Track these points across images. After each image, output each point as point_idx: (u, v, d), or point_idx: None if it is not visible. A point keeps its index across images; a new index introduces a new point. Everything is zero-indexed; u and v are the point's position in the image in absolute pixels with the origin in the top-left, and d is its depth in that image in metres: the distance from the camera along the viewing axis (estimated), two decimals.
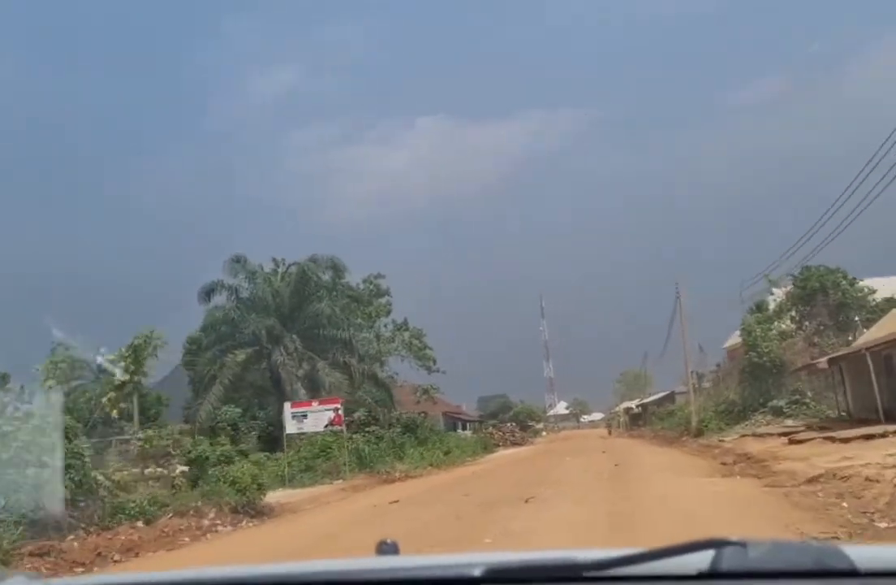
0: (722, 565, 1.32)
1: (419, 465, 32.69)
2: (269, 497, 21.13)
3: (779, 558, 1.32)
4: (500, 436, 55.63)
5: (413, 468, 31.02)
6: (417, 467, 32.07)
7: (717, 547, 1.33)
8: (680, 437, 38.62)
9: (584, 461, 25.32)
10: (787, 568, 1.31)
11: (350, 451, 27.76)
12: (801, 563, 1.31)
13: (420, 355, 40.94)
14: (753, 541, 1.33)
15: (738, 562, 1.32)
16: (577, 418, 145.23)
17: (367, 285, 41.97)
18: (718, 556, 1.33)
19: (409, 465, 32.41)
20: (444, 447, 39.59)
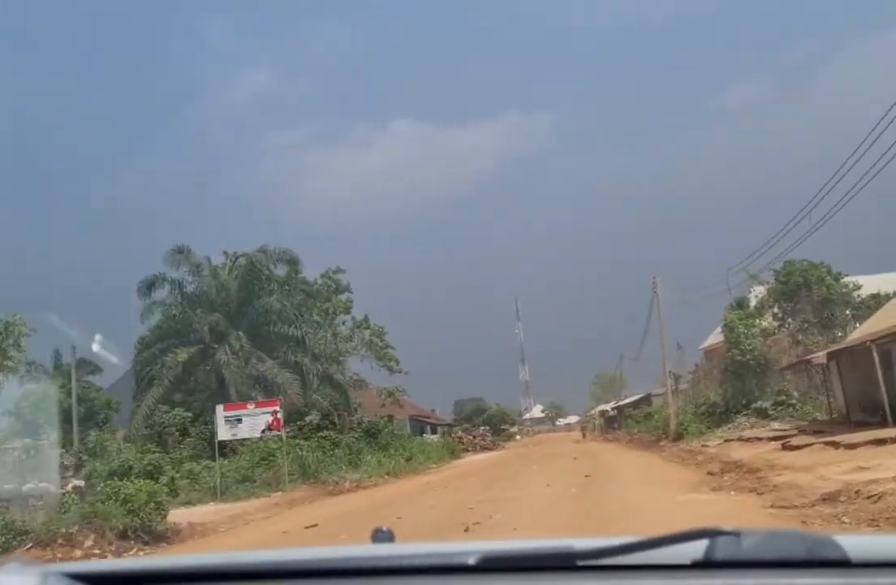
0: (716, 554, 1.32)
1: (375, 473, 29.62)
2: (191, 514, 18.11)
3: (772, 547, 1.32)
4: (469, 441, 52.56)
5: (367, 477, 27.95)
6: (373, 475, 29.01)
7: (711, 537, 1.33)
8: (658, 441, 35.81)
9: (552, 471, 22.37)
10: (780, 558, 1.31)
11: (293, 459, 24.62)
12: (795, 552, 1.31)
13: (381, 355, 37.87)
14: (747, 531, 1.32)
15: (732, 552, 1.31)
16: (553, 421, 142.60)
17: (325, 281, 38.85)
18: (712, 545, 1.32)
19: (365, 473, 29.34)
20: (406, 453, 36.54)
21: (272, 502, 20.74)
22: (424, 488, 20.82)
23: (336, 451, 31.76)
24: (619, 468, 21.12)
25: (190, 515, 17.59)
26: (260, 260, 32.73)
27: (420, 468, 33.81)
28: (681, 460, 23.88)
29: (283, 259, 34.20)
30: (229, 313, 32.45)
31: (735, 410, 32.58)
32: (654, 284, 36.12)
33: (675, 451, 28.33)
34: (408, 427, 51.40)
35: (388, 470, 30.45)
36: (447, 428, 61.52)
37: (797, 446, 18.70)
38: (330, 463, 30.25)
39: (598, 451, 36.41)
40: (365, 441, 37.01)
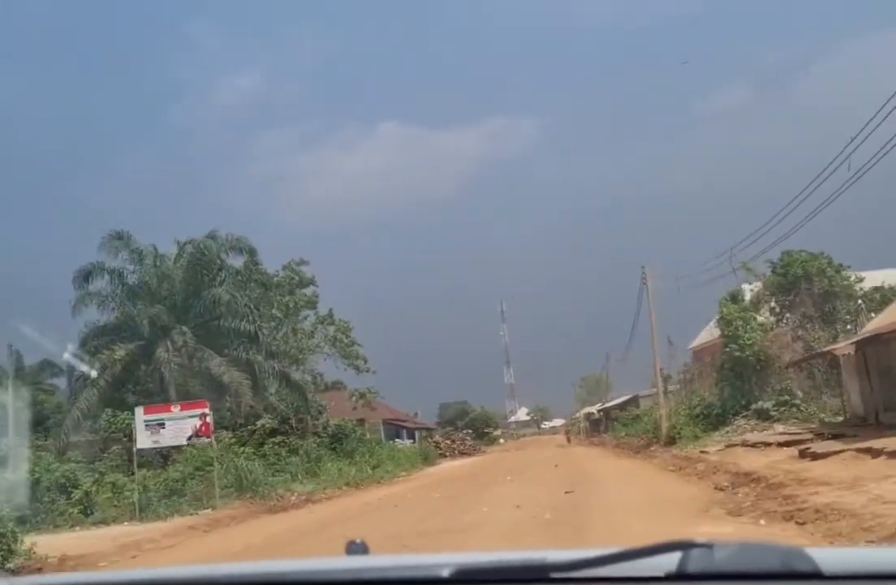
0: (689, 566, 1.31)
1: (333, 484, 26.07)
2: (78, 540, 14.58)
3: (745, 559, 1.31)
4: (447, 446, 48.99)
5: (322, 489, 24.41)
6: (330, 486, 25.47)
7: (684, 549, 1.32)
8: (647, 445, 32.41)
9: (527, 483, 18.93)
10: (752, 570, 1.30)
11: (229, 469, 21.02)
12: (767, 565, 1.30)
13: (347, 353, 34.29)
14: (720, 543, 1.32)
15: (705, 564, 1.30)
16: (539, 424, 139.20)
17: (286, 273, 35.26)
18: (686, 558, 1.31)
19: (321, 484, 25.80)
20: (373, 461, 32.98)
21: (193, 522, 17.17)
22: (376, 505, 17.30)
23: (293, 459, 28.24)
24: (607, 481, 17.60)
25: (76, 542, 14.05)
26: (208, 247, 29.13)
27: (386, 477, 30.26)
28: (677, 469, 20.45)
29: (236, 248, 30.61)
30: (174, 306, 28.83)
31: (733, 411, 29.19)
32: (643, 275, 32.76)
33: (669, 458, 24.91)
34: (381, 432, 47.81)
35: (348, 480, 26.89)
36: (426, 432, 57.92)
37: (822, 454, 15.26)
38: (281, 473, 26.75)
39: (582, 457, 32.98)
40: (328, 448, 33.54)
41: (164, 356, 26.74)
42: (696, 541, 1.32)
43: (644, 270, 32.81)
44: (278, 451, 28.27)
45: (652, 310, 32.40)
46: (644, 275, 32.76)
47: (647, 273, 32.74)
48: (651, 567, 1.32)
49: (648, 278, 32.64)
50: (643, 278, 32.83)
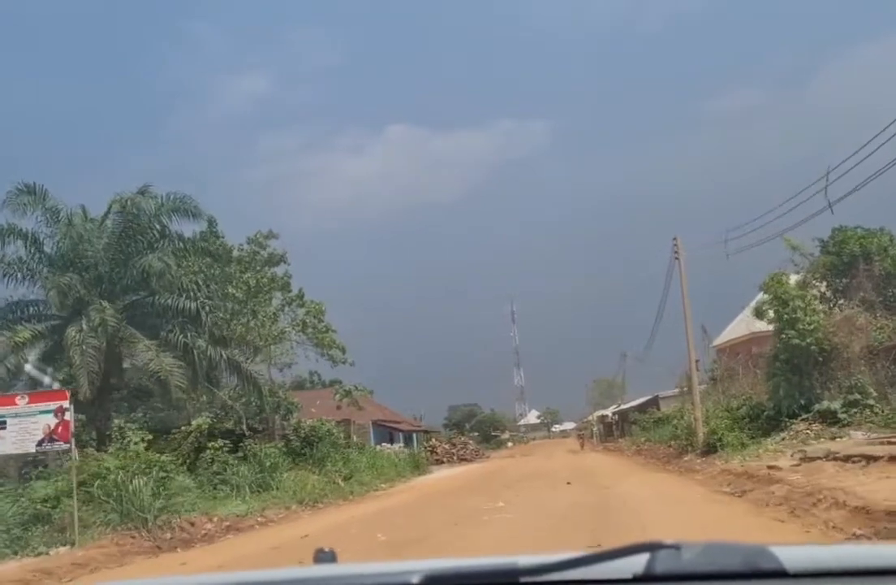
0: (656, 568, 1.30)
1: (282, 502, 19.92)
2: None
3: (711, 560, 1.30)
4: (444, 451, 42.67)
5: (261, 510, 18.25)
6: (275, 506, 19.34)
7: (651, 551, 1.32)
8: (680, 455, 26.10)
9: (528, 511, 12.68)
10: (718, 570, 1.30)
11: (112, 487, 14.84)
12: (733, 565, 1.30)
13: (320, 341, 28.16)
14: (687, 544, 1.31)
15: (671, 565, 1.30)
16: (549, 427, 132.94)
17: (251, 247, 29.14)
18: (653, 559, 1.31)
19: (266, 502, 19.68)
20: (347, 469, 26.83)
21: (32, 567, 11.07)
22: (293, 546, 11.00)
23: (242, 469, 22.15)
24: (648, 515, 11.17)
25: None
26: (139, 206, 23.08)
27: (359, 490, 24.11)
28: (739, 492, 14.21)
29: (181, 210, 24.53)
30: (100, 278, 22.81)
31: (789, 413, 22.85)
32: (675, 246, 26.48)
33: (717, 473, 18.62)
34: (371, 434, 41.65)
35: (305, 496, 20.70)
36: (424, 436, 51.62)
37: None
38: (223, 487, 20.70)
39: (600, 468, 26.63)
40: (297, 453, 27.45)
41: (74, 337, 20.69)
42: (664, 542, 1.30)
43: (676, 241, 26.53)
44: (223, 459, 22.19)
45: (685, 289, 26.10)
46: (676, 247, 26.48)
47: (679, 244, 26.46)
48: (619, 570, 1.31)
49: (680, 251, 26.36)
50: (675, 250, 26.55)
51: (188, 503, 18.13)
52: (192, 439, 21.52)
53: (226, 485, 21.58)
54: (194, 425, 21.54)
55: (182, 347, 22.61)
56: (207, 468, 21.93)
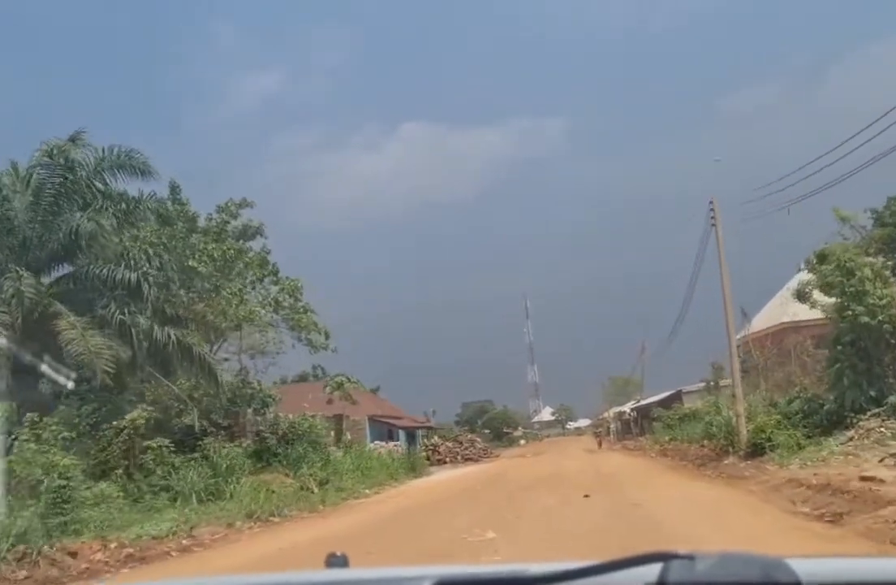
0: (669, 578, 1.26)
1: (229, 516, 15.72)
2: None
3: (725, 571, 1.25)
4: (447, 450, 38.33)
5: (193, 527, 14.03)
6: (220, 519, 15.16)
7: (664, 560, 1.27)
8: (718, 457, 21.64)
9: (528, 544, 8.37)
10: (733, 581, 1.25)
11: None
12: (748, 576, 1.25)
13: (296, 322, 23.90)
14: (701, 554, 1.26)
15: (685, 575, 1.25)
16: (563, 424, 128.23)
17: (220, 216, 24.95)
18: (666, 569, 1.26)
19: (210, 516, 15.51)
20: (325, 472, 22.60)
21: None
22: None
23: (188, 473, 18.01)
24: None
25: None
26: (68, 156, 18.95)
27: (335, 498, 19.86)
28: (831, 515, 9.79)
29: (126, 167, 20.39)
30: (23, 242, 18.71)
31: (855, 407, 18.38)
32: (711, 210, 22.04)
33: (777, 482, 14.22)
34: (367, 431, 37.39)
35: (258, 508, 16.44)
36: (427, 433, 47.30)
37: None
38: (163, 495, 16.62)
39: (623, 472, 22.14)
40: (267, 454, 23.34)
41: None
42: (678, 552, 1.26)
43: (712, 204, 22.08)
44: (169, 461, 18.04)
45: (722, 257, 21.67)
46: (712, 211, 22.04)
47: (716, 208, 22.02)
48: (631, 579, 1.27)
49: (717, 216, 21.94)
50: (711, 215, 22.11)
51: (103, 519, 14.05)
52: (125, 437, 17.30)
53: (169, 493, 17.50)
54: (128, 419, 17.34)
55: (118, 325, 18.44)
56: (150, 473, 17.83)
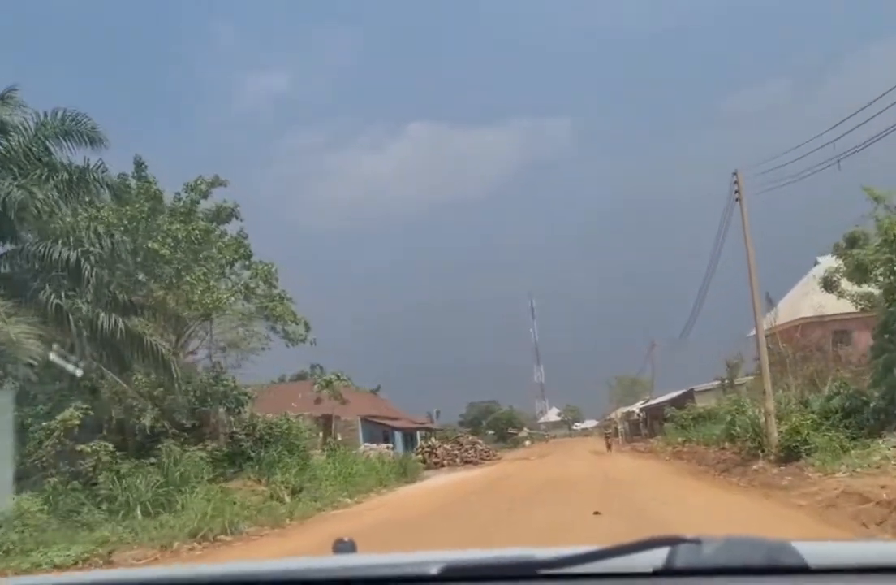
0: (676, 562, 1.26)
1: (169, 534, 13.06)
2: None
3: (732, 554, 1.26)
4: (444, 452, 35.55)
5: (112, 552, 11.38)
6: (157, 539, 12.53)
7: (671, 545, 1.27)
8: (745, 461, 18.85)
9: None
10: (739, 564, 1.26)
11: None
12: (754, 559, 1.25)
13: (272, 312, 21.21)
14: (708, 538, 1.27)
15: (692, 559, 1.26)
16: (570, 425, 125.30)
17: (189, 195, 22.30)
18: (673, 553, 1.26)
19: (151, 533, 12.88)
20: (300, 479, 19.93)
21: None
22: None
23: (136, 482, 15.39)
24: None
25: None
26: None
27: (307, 509, 17.19)
28: None
29: (73, 134, 17.75)
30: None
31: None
32: (735, 182, 19.29)
33: (830, 495, 11.48)
34: (359, 432, 34.71)
35: (205, 524, 13.75)
36: (426, 434, 44.55)
37: None
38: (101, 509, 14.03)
39: (638, 479, 19.29)
40: (239, 458, 20.79)
41: None
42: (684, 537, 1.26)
43: (736, 177, 19.31)
44: (111, 467, 15.41)
45: (747, 233, 18.92)
46: (736, 184, 19.30)
47: (741, 181, 19.27)
48: (639, 563, 1.27)
49: (741, 188, 19.20)
50: (735, 187, 19.37)
51: (10, 541, 11.43)
52: (55, 440, 14.64)
53: (113, 504, 14.88)
54: (58, 419, 14.68)
55: (55, 311, 15.80)
56: (89, 482, 15.21)
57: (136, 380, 18.79)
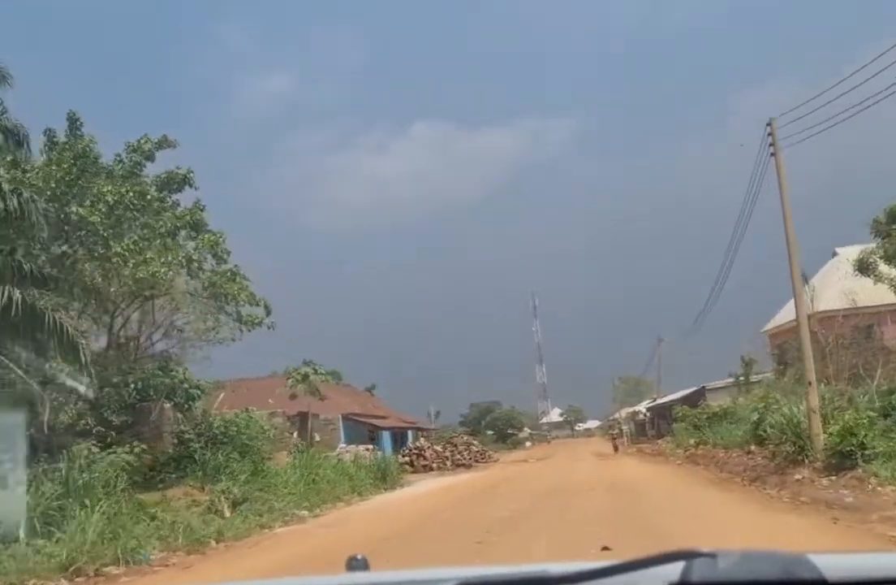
0: (692, 576, 1.22)
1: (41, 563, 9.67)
2: None
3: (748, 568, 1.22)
4: (434, 454, 32.04)
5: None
6: (17, 572, 9.12)
7: (687, 559, 1.24)
8: (781, 468, 15.35)
9: None
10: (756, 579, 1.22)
11: None
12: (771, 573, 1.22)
13: (220, 288, 17.68)
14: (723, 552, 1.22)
15: (707, 573, 1.22)
16: (572, 426, 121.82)
17: (131, 157, 18.93)
18: (688, 568, 1.23)
19: (14, 563, 9.44)
20: (254, 485, 16.57)
21: None
22: None
23: None
24: None
25: None
26: None
27: (248, 527, 13.78)
28: None
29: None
30: None
31: None
32: (769, 134, 15.86)
33: None
34: (340, 431, 31.30)
35: (85, 555, 10.35)
36: (416, 434, 41.06)
37: None
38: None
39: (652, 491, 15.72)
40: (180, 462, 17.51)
41: None
42: (700, 550, 1.22)
43: (771, 127, 15.86)
44: None
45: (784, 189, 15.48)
46: (770, 135, 15.86)
47: (775, 131, 15.83)
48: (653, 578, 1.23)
49: (775, 139, 15.77)
50: (769, 143, 15.93)
51: None
52: None
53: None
54: None
55: None
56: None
57: (49, 367, 15.41)
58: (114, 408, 17.14)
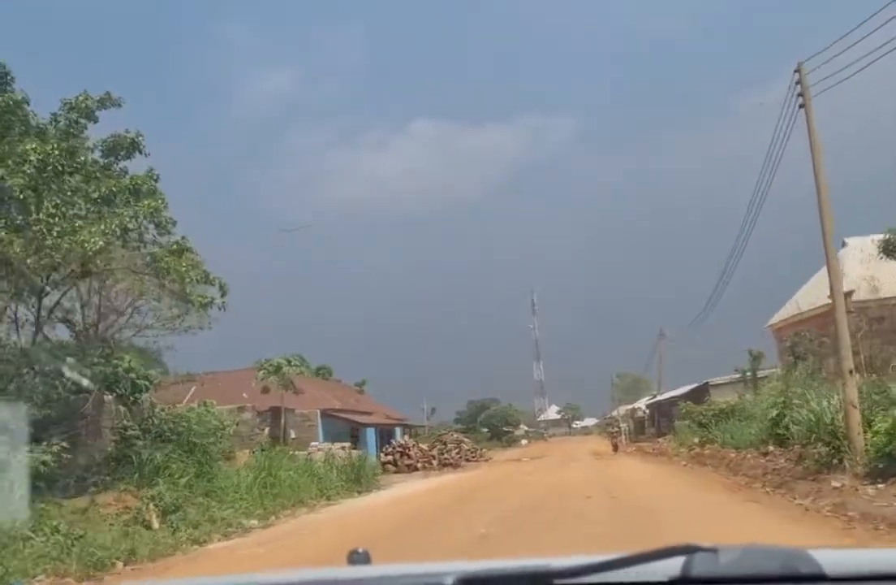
0: (693, 571, 1.22)
1: None
2: None
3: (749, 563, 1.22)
4: (419, 454, 29.56)
5: None
6: None
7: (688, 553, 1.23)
8: (811, 473, 12.87)
9: None
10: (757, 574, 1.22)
11: None
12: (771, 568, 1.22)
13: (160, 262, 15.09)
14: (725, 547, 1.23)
15: (708, 568, 1.22)
16: (569, 423, 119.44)
17: (67, 115, 16.47)
18: (689, 562, 1.23)
19: None
20: (196, 488, 14.16)
21: None
22: None
23: None
24: None
25: None
26: None
27: (169, 541, 11.30)
28: None
29: None
30: None
31: None
32: (798, 83, 13.40)
33: None
34: (318, 428, 28.81)
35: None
36: (404, 431, 38.57)
37: None
38: None
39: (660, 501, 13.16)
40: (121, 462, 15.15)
41: None
42: (701, 545, 1.22)
43: (799, 73, 13.41)
44: None
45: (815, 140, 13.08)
46: (799, 82, 13.41)
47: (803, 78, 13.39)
48: (654, 572, 1.24)
49: (804, 87, 13.34)
50: (798, 93, 13.49)
51: None
52: None
53: None
54: None
55: None
56: None
57: None
58: (37, 401, 14.70)
